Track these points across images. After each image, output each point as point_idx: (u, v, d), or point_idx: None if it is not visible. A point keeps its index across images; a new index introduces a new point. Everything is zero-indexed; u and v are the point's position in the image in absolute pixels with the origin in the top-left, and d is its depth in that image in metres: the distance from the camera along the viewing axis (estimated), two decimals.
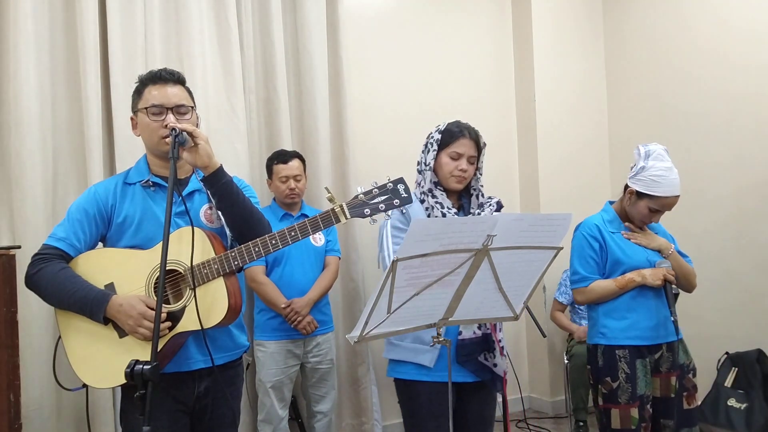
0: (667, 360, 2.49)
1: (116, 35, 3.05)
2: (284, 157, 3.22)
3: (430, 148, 2.22)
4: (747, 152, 3.79)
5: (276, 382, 3.10)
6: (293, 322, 3.05)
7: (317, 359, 3.21)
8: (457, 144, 2.18)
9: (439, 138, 2.21)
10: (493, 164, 4.45)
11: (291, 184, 3.19)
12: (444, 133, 2.21)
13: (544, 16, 4.46)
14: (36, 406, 2.78)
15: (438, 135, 2.22)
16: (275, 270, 3.12)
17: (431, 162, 2.20)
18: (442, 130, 2.23)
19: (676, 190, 2.44)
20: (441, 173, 2.20)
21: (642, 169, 2.45)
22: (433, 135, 2.24)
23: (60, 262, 1.85)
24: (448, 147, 2.19)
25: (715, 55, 3.94)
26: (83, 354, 1.83)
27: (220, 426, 1.98)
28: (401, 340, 2.13)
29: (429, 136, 2.26)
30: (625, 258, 2.47)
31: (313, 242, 3.20)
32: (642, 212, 2.49)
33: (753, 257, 3.74)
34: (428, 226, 1.63)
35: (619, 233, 2.53)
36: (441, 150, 2.20)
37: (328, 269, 3.25)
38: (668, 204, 2.47)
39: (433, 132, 2.26)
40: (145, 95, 1.92)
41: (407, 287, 1.64)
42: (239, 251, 1.79)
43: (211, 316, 1.78)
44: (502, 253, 1.70)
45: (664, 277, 2.40)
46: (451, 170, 2.18)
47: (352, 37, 3.83)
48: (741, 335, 3.73)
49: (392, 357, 2.19)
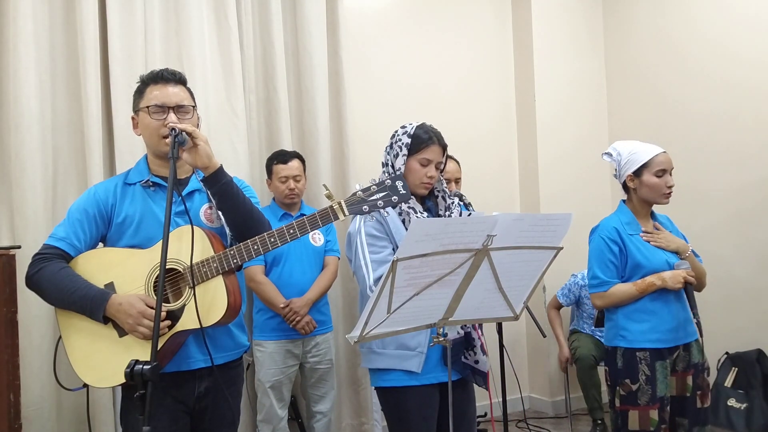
0: (683, 359, 2.48)
1: (116, 35, 3.05)
2: (284, 157, 3.22)
3: (399, 152, 2.16)
4: (747, 151, 3.79)
5: (275, 382, 3.10)
6: (292, 322, 3.05)
7: (316, 359, 3.21)
8: (427, 151, 2.14)
9: (408, 143, 2.15)
10: (493, 161, 4.48)
11: (290, 185, 3.19)
12: (413, 138, 2.16)
13: (544, 14, 4.47)
14: (36, 406, 2.77)
15: (407, 139, 2.16)
16: (274, 269, 3.12)
17: (401, 167, 2.15)
18: (411, 134, 2.17)
19: (659, 148, 2.50)
20: (409, 179, 2.14)
21: (621, 158, 2.53)
22: (401, 138, 2.18)
23: (60, 262, 1.86)
24: (417, 153, 2.15)
25: (714, 53, 3.94)
26: (83, 353, 1.84)
27: (220, 426, 1.98)
28: (384, 347, 2.10)
29: (395, 138, 2.20)
30: (645, 261, 2.44)
31: (312, 242, 3.20)
32: (652, 184, 2.46)
33: (753, 257, 3.74)
34: (428, 226, 1.63)
35: (637, 235, 2.49)
36: (410, 156, 2.15)
37: (327, 269, 3.25)
38: (665, 162, 2.47)
39: (400, 134, 2.20)
40: (147, 95, 1.93)
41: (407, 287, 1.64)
42: (238, 249, 1.79)
43: (211, 315, 1.78)
44: (502, 253, 1.70)
45: (684, 280, 2.39)
46: (420, 177, 2.15)
47: (352, 36, 3.83)
48: (741, 335, 3.73)
49: (376, 366, 2.14)
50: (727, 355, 3.68)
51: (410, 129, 2.19)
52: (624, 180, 2.53)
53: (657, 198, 2.50)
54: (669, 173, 2.48)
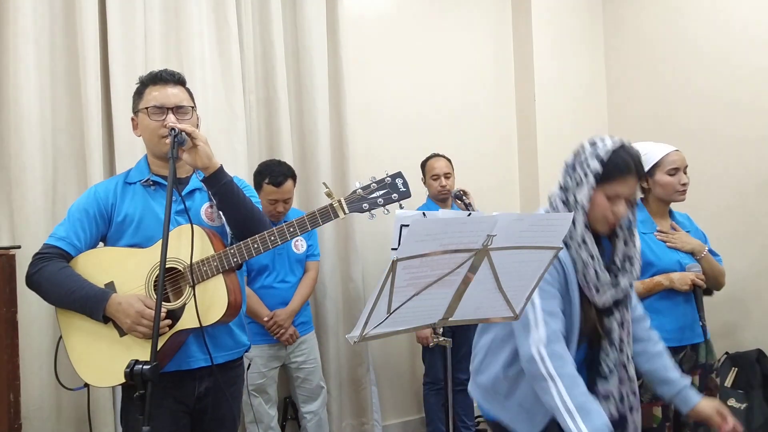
0: (689, 359, 2.47)
1: (116, 35, 3.05)
2: (276, 178, 3.00)
3: (583, 180, 1.74)
4: (748, 151, 3.78)
5: (258, 386, 3.08)
6: (276, 334, 3.06)
7: (301, 359, 3.20)
8: (621, 184, 1.73)
9: (599, 171, 1.73)
10: (494, 164, 4.48)
11: (279, 207, 3.04)
12: (607, 166, 1.73)
13: (544, 16, 4.46)
14: (36, 406, 2.77)
15: (597, 165, 1.73)
16: (258, 279, 3.10)
17: (585, 202, 1.74)
18: (604, 160, 1.73)
19: (671, 147, 2.51)
20: (590, 213, 1.76)
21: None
22: (589, 161, 1.74)
23: (60, 262, 1.86)
24: (607, 184, 1.73)
25: (715, 54, 3.94)
26: (84, 353, 1.84)
27: (220, 426, 1.98)
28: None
29: (581, 158, 1.77)
30: (656, 260, 2.45)
31: (294, 250, 3.18)
32: (665, 183, 2.47)
33: (753, 257, 3.74)
34: (428, 226, 1.62)
35: (651, 234, 2.50)
36: (598, 186, 1.73)
37: (308, 275, 3.24)
38: (677, 160, 2.47)
39: (587, 154, 1.76)
40: (146, 96, 1.93)
41: (407, 287, 1.64)
42: (238, 248, 1.79)
43: (211, 314, 1.78)
44: (502, 253, 1.69)
45: (692, 282, 2.39)
46: (604, 213, 1.75)
47: (352, 37, 3.82)
48: (741, 335, 3.73)
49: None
50: (727, 355, 3.68)
51: (603, 152, 1.75)
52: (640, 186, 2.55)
53: (671, 196, 2.50)
54: (683, 171, 2.49)
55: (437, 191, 3.58)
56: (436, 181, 3.58)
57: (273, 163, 3.15)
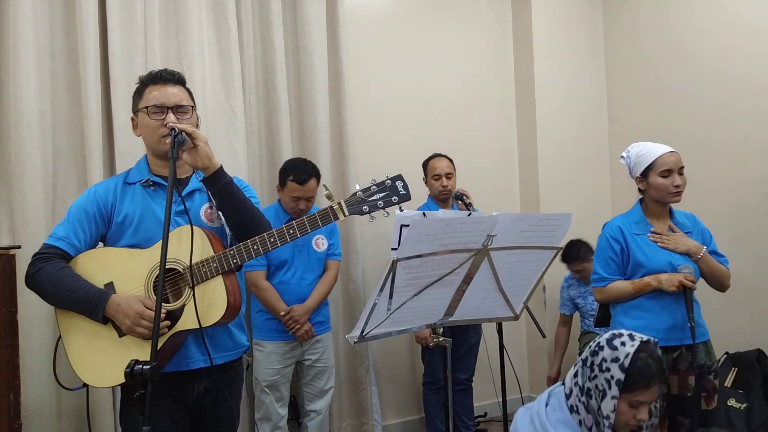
0: (685, 359, 2.48)
1: (116, 35, 3.04)
2: (300, 176, 3.04)
3: (606, 389, 1.64)
4: (747, 150, 3.78)
5: (272, 382, 3.10)
6: (291, 329, 3.06)
7: (315, 357, 3.21)
8: (644, 393, 1.66)
9: (621, 380, 1.62)
10: (493, 160, 4.48)
11: (302, 205, 3.08)
12: (629, 373, 1.63)
13: (544, 14, 4.46)
14: (36, 406, 2.77)
15: (620, 374, 1.62)
16: (276, 275, 3.11)
17: (610, 415, 1.62)
18: (626, 366, 1.62)
19: (667, 148, 2.53)
20: (614, 421, 1.66)
21: (630, 161, 2.59)
22: (611, 368, 1.63)
23: (60, 262, 1.85)
24: (630, 394, 1.65)
25: (715, 51, 3.94)
26: (83, 353, 1.84)
27: (219, 426, 1.98)
28: None
29: (599, 363, 1.67)
30: (646, 261, 2.48)
31: (315, 248, 3.19)
32: (658, 185, 2.50)
33: (753, 256, 3.74)
34: (428, 226, 1.63)
35: (644, 235, 2.52)
36: (622, 395, 1.64)
37: (328, 274, 3.24)
38: (671, 162, 2.49)
39: (608, 360, 1.65)
40: (146, 95, 1.93)
41: (407, 287, 1.65)
42: (238, 249, 1.79)
43: (210, 315, 1.78)
44: (501, 253, 1.70)
45: (680, 283, 2.40)
46: (627, 421, 1.68)
47: (352, 36, 3.82)
48: (741, 335, 3.72)
49: None
50: (727, 355, 3.68)
51: (624, 357, 1.64)
52: (638, 187, 2.58)
53: (665, 198, 2.52)
54: (676, 172, 2.50)
55: (439, 191, 3.58)
56: (437, 181, 3.59)
57: (299, 161, 3.19)
